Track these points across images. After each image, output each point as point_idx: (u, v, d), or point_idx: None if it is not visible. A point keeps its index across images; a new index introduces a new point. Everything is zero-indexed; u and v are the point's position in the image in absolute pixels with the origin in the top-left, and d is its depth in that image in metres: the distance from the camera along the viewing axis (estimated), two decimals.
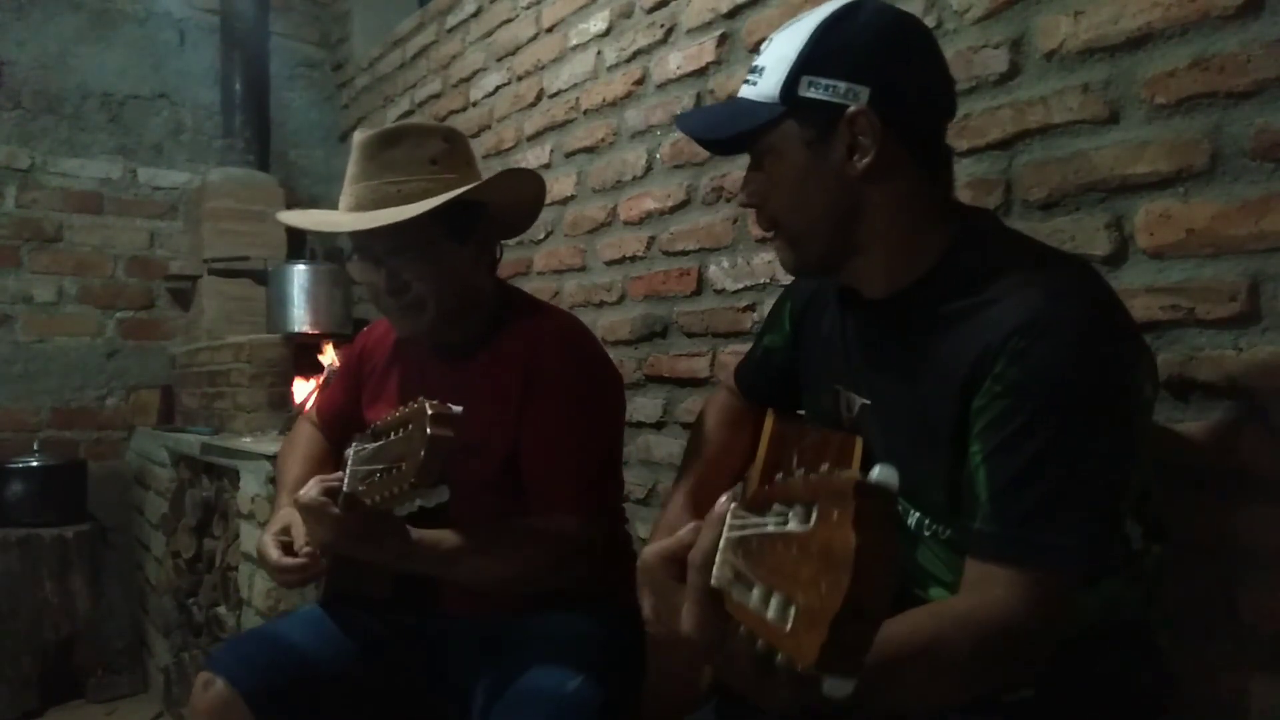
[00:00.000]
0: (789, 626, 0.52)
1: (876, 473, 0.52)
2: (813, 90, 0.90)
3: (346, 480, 1.12)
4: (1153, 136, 1.16)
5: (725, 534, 0.62)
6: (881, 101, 0.89)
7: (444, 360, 1.38)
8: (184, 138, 3.65)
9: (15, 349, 3.32)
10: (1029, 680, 0.84)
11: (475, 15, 2.81)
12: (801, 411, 1.18)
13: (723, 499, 0.65)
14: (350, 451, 1.14)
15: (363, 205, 1.27)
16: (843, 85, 0.89)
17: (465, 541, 1.20)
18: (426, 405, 1.02)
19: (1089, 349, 0.81)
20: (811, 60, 0.90)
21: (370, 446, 1.11)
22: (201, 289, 3.38)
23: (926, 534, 0.94)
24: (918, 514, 0.95)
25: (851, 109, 0.89)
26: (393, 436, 1.08)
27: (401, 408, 1.08)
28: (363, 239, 1.28)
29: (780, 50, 0.93)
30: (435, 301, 1.28)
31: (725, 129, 0.97)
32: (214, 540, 2.49)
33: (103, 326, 3.48)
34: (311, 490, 1.15)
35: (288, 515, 1.30)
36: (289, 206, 3.57)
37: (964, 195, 1.38)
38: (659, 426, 2.01)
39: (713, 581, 0.63)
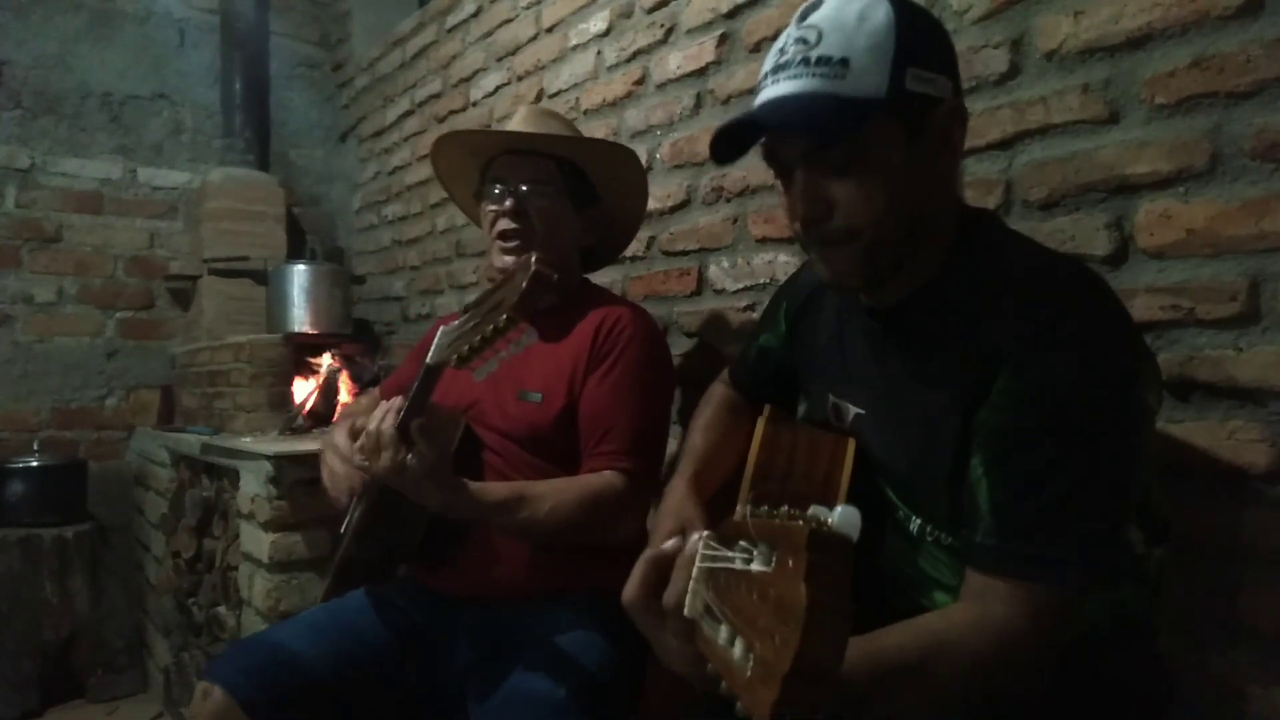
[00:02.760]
0: (747, 675, 0.52)
1: (838, 515, 0.52)
2: (919, 84, 0.85)
3: (432, 352, 1.15)
4: (1153, 136, 1.16)
5: (698, 563, 0.63)
6: (960, 92, 0.89)
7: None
8: (184, 138, 3.65)
9: (15, 349, 3.32)
10: (1030, 689, 0.84)
11: (475, 15, 2.81)
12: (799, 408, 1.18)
13: (694, 537, 0.65)
14: (439, 331, 1.18)
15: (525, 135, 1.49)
16: (939, 78, 0.87)
17: (516, 490, 1.26)
18: (533, 256, 1.08)
19: (1093, 362, 0.80)
20: (912, 49, 0.85)
21: (459, 321, 1.14)
22: (201, 289, 3.38)
23: (929, 539, 0.94)
24: (919, 520, 0.95)
25: (946, 101, 0.87)
26: (489, 297, 1.11)
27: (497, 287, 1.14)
28: (507, 169, 1.49)
29: (859, 38, 0.84)
30: (543, 235, 1.46)
31: (822, 119, 0.85)
32: (214, 540, 2.49)
33: (103, 326, 3.48)
34: (387, 419, 1.14)
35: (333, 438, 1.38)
36: (289, 207, 3.57)
37: (964, 195, 1.38)
38: None
39: (685, 611, 0.63)
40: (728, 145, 0.94)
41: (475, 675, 1.30)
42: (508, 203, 1.46)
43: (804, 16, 0.89)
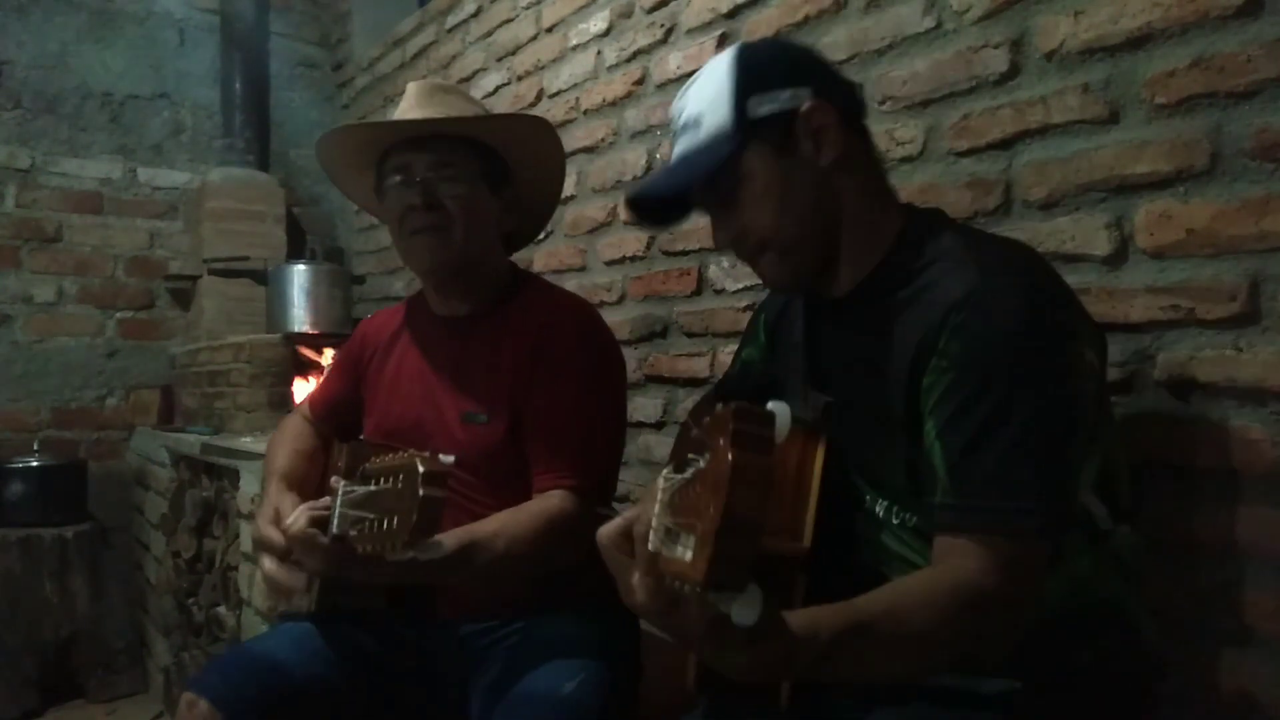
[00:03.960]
0: (689, 557, 0.56)
1: (769, 405, 0.55)
2: (764, 106, 0.94)
3: (336, 521, 1.08)
4: (1153, 136, 1.16)
5: (659, 495, 0.65)
6: (824, 94, 0.95)
7: (449, 333, 1.38)
8: (184, 138, 3.65)
9: (15, 349, 3.32)
10: (999, 652, 0.85)
11: (475, 15, 2.81)
12: None
13: (660, 476, 0.68)
14: (339, 488, 1.09)
15: (418, 128, 1.33)
16: (786, 92, 0.94)
17: (465, 545, 1.15)
18: (418, 462, 0.97)
19: (1025, 315, 0.84)
20: (748, 83, 0.95)
21: (360, 490, 1.05)
22: (201, 289, 3.38)
23: (895, 521, 0.96)
24: (885, 502, 0.98)
25: (805, 105, 0.94)
26: (383, 484, 1.02)
27: (391, 454, 1.03)
28: (409, 155, 1.32)
29: (705, 94, 0.97)
30: (463, 226, 1.31)
31: (694, 174, 0.98)
32: (214, 540, 2.49)
33: (103, 326, 3.48)
34: (300, 521, 1.11)
35: (276, 499, 1.27)
36: (289, 206, 3.57)
37: (964, 195, 1.38)
38: (659, 426, 2.01)
39: (649, 546, 0.65)
40: (648, 214, 1.09)
41: (472, 674, 1.29)
42: (416, 194, 1.30)
43: (682, 95, 1.02)
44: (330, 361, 2.72)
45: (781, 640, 0.68)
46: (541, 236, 2.41)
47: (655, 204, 1.06)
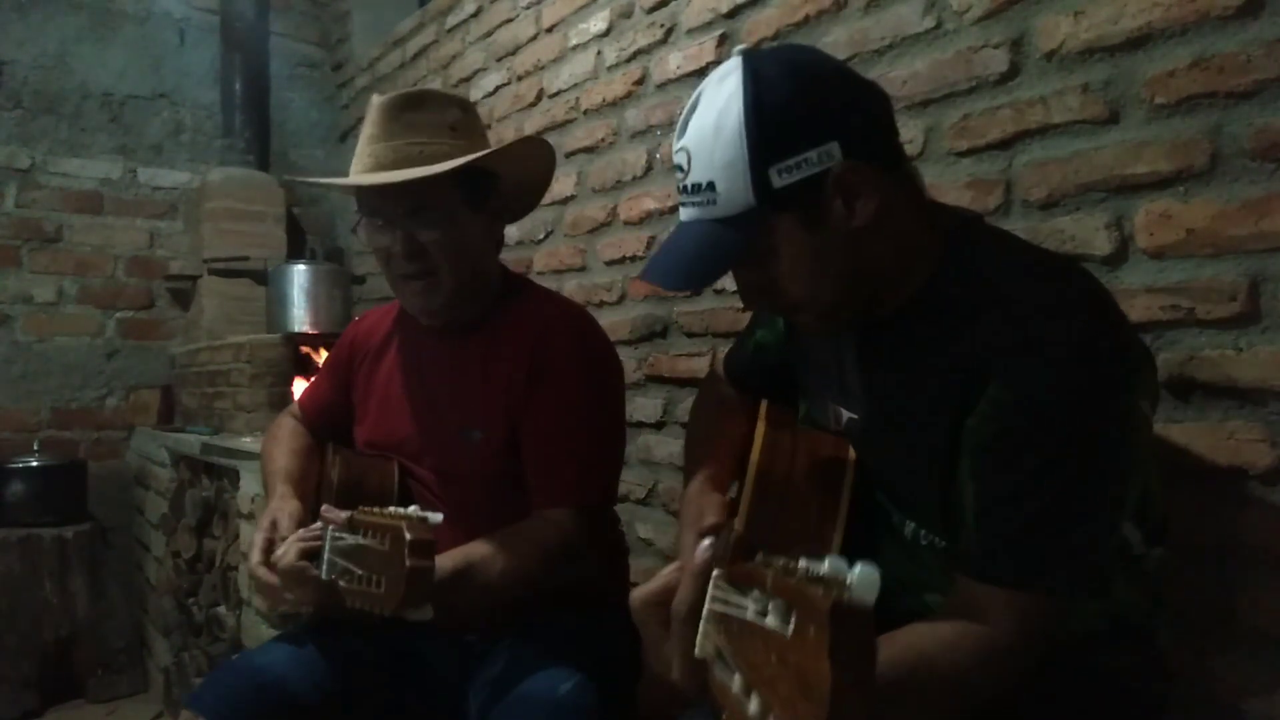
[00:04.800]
0: None
1: (857, 577, 0.50)
2: (786, 176, 0.84)
3: (324, 566, 1.08)
4: (1153, 136, 1.16)
5: (709, 604, 0.62)
6: (851, 146, 0.84)
7: (442, 340, 1.35)
8: (184, 138, 3.65)
9: (15, 349, 3.32)
10: (1009, 694, 0.83)
11: (475, 15, 2.81)
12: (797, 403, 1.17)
13: (704, 544, 0.66)
14: (328, 533, 1.08)
15: (383, 165, 1.23)
16: (813, 154, 0.84)
17: (462, 568, 1.14)
18: (405, 529, 0.95)
19: (1080, 370, 0.80)
20: (765, 149, 0.84)
21: (348, 540, 1.04)
22: (201, 289, 3.38)
23: (924, 544, 0.94)
24: (913, 524, 0.95)
25: (833, 170, 0.84)
26: (371, 540, 1.00)
27: (380, 511, 1.01)
28: (379, 201, 1.24)
29: (721, 158, 0.85)
30: (449, 272, 1.25)
31: (714, 264, 0.89)
32: (214, 540, 2.49)
33: (103, 326, 3.48)
34: (290, 554, 1.11)
35: (277, 509, 1.26)
36: (289, 206, 3.57)
37: (964, 195, 1.38)
38: (659, 426, 2.01)
39: (696, 651, 0.63)
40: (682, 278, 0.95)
41: (468, 675, 1.29)
42: (395, 242, 1.23)
43: (681, 131, 0.91)
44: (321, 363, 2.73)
45: None
46: (541, 236, 2.42)
47: (698, 283, 0.98)
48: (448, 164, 1.20)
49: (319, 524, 1.13)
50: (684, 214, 0.92)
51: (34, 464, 3.08)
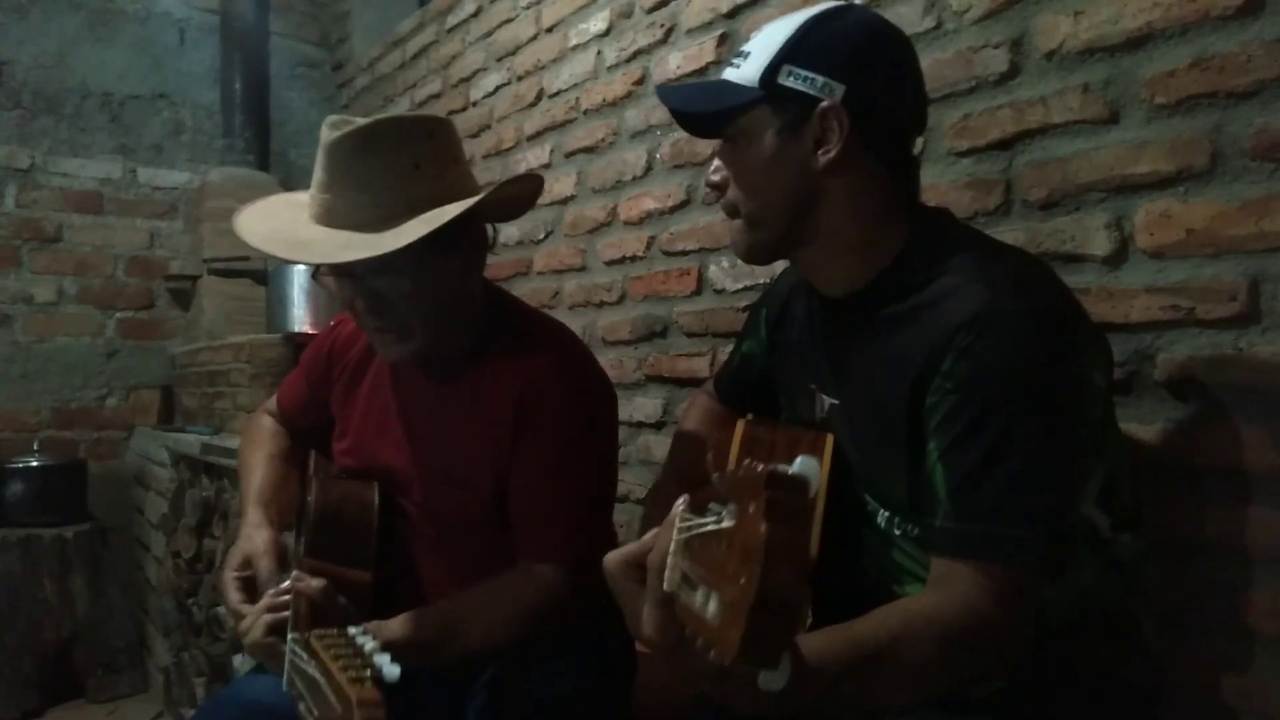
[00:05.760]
0: (716, 621, 0.54)
1: (797, 465, 0.53)
2: (791, 80, 0.92)
3: (284, 677, 0.99)
4: (1153, 136, 1.16)
5: (675, 535, 0.63)
6: (854, 100, 0.91)
7: (428, 377, 1.26)
8: (184, 138, 3.66)
9: (15, 349, 3.32)
10: (996, 675, 0.85)
11: (475, 15, 2.81)
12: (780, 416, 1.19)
13: (679, 502, 0.66)
14: (288, 644, 0.99)
15: (335, 219, 1.09)
16: (820, 79, 0.92)
17: (443, 633, 1.13)
18: (353, 694, 0.81)
19: (1033, 340, 0.83)
20: (795, 51, 0.92)
21: (306, 667, 0.92)
22: (201, 289, 3.38)
23: (897, 532, 0.95)
24: (887, 513, 0.97)
25: (825, 103, 0.91)
26: (325, 684, 0.88)
27: (335, 644, 0.88)
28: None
29: (767, 39, 0.95)
30: (421, 324, 1.14)
31: (704, 104, 0.99)
32: (214, 540, 2.49)
33: (103, 326, 3.48)
34: (256, 631, 1.08)
35: (249, 543, 1.20)
36: None
37: (964, 195, 1.38)
38: (659, 426, 2.01)
39: (664, 585, 0.64)
40: (679, 116, 1.04)
41: (466, 677, 1.29)
42: (360, 294, 1.13)
43: (763, 26, 0.99)
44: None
45: (798, 689, 0.67)
46: (541, 236, 2.42)
47: (683, 110, 1.03)
48: (403, 235, 1.05)
49: (287, 584, 1.09)
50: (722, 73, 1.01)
51: (34, 464, 3.08)
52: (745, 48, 0.97)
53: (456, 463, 1.23)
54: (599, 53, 2.24)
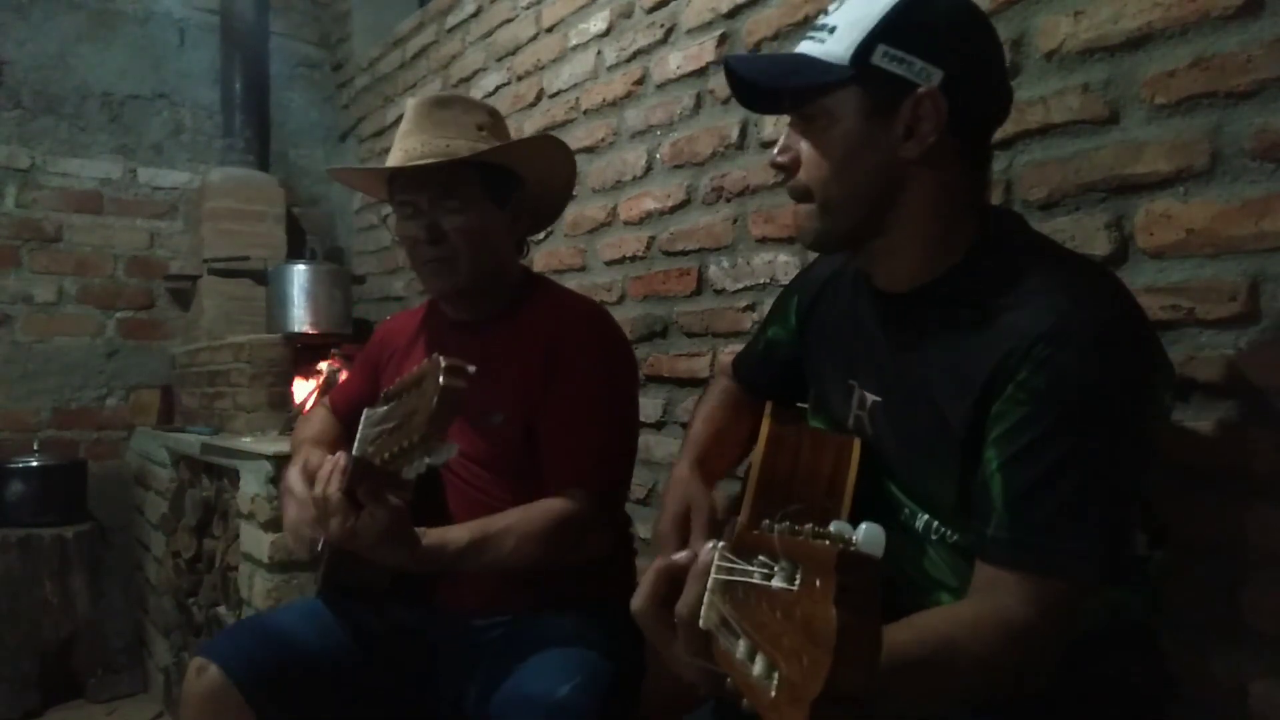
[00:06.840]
0: (772, 694, 0.52)
1: (862, 533, 0.51)
2: (887, 61, 0.86)
3: (356, 444, 1.12)
4: (1153, 136, 1.16)
5: (713, 574, 0.62)
6: (952, 88, 0.86)
7: (466, 333, 1.42)
8: (184, 138, 3.65)
9: (15, 349, 3.32)
10: (1031, 687, 0.83)
11: (475, 15, 2.81)
12: (801, 405, 1.17)
13: (708, 545, 0.65)
14: (363, 416, 1.14)
15: (412, 157, 1.33)
16: (919, 63, 0.86)
17: (476, 539, 1.20)
18: (440, 359, 0.99)
19: (1112, 358, 0.81)
20: (892, 30, 0.86)
21: (381, 410, 1.10)
22: (201, 289, 3.38)
23: (934, 537, 0.94)
24: (926, 516, 0.95)
25: (922, 89, 0.86)
26: (405, 396, 1.06)
27: (415, 367, 1.06)
28: (408, 189, 1.35)
29: (857, 12, 0.88)
30: (469, 256, 1.34)
31: (786, 80, 0.92)
32: (214, 540, 2.49)
33: (103, 326, 3.48)
34: (333, 484, 1.12)
35: (306, 453, 1.33)
36: (289, 206, 3.57)
37: None
38: (659, 426, 2.01)
39: (700, 622, 0.63)
40: (740, 88, 0.99)
41: (470, 671, 1.29)
42: (421, 228, 1.34)
43: None
44: (333, 366, 2.76)
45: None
46: (541, 236, 2.42)
47: (747, 83, 0.97)
48: (470, 152, 1.32)
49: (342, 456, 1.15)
50: (798, 47, 0.94)
51: (34, 464, 3.08)
52: (828, 20, 0.90)
53: (493, 402, 1.34)
54: (599, 53, 2.24)
